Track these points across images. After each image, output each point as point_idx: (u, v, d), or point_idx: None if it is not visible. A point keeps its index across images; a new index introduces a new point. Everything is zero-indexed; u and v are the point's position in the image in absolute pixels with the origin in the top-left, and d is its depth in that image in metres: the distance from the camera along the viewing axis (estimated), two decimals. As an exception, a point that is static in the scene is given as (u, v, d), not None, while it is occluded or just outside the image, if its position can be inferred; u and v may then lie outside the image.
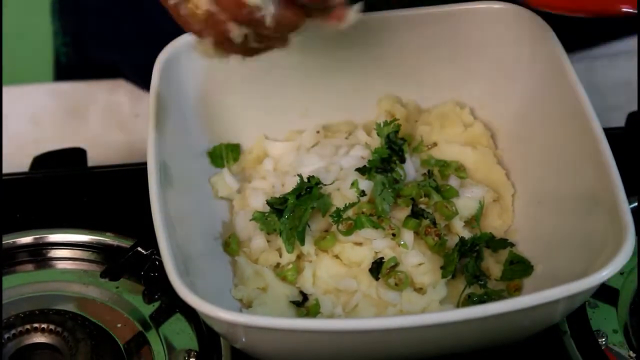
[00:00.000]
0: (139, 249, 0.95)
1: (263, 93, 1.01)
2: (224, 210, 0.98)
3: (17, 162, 1.08)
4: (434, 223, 0.93)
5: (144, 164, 0.87)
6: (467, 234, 0.94)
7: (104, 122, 1.19)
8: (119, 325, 0.92)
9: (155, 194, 0.85)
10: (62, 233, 0.99)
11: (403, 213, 0.93)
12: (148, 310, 0.93)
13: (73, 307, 0.93)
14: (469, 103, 1.03)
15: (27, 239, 0.98)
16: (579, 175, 0.89)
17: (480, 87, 1.02)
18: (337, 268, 0.92)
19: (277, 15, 0.78)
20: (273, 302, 0.90)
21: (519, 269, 0.92)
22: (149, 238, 0.88)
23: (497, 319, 0.78)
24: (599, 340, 0.88)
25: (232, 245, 0.94)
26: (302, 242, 0.91)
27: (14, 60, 1.35)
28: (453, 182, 0.97)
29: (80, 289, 0.95)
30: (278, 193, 0.95)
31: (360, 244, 0.92)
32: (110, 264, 0.95)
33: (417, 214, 0.93)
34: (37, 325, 0.89)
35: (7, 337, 0.88)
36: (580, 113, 0.89)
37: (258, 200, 0.96)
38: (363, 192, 0.93)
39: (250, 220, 0.94)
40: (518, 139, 0.99)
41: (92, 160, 1.09)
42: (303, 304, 0.91)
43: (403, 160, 0.96)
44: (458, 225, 0.94)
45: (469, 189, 0.97)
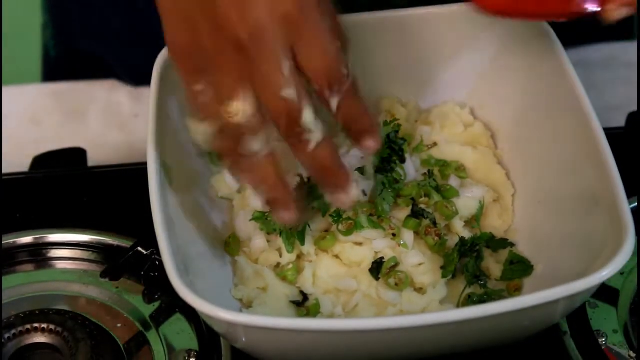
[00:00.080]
0: (139, 249, 0.95)
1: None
2: (224, 210, 0.98)
3: (17, 162, 1.08)
4: (434, 223, 0.93)
5: (144, 164, 0.87)
6: (467, 234, 0.94)
7: (104, 122, 1.19)
8: (119, 325, 0.92)
9: (155, 194, 0.85)
10: (62, 233, 0.98)
11: (403, 213, 0.93)
12: (148, 310, 0.93)
13: (73, 307, 0.92)
14: (469, 103, 1.03)
15: (27, 239, 0.98)
16: (579, 175, 0.89)
17: (480, 87, 1.02)
18: (337, 268, 0.92)
19: (319, 145, 0.79)
20: (273, 302, 0.90)
21: (519, 269, 0.92)
22: (149, 238, 0.88)
23: (497, 319, 0.78)
24: (599, 340, 0.88)
25: (232, 245, 0.94)
26: (302, 242, 0.91)
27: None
28: (453, 182, 0.97)
29: (80, 289, 0.95)
30: (278, 193, 0.95)
31: (361, 244, 0.92)
32: (110, 264, 0.95)
33: (417, 214, 0.93)
34: (37, 325, 0.89)
35: (7, 337, 0.88)
36: (580, 113, 0.89)
37: (258, 200, 0.96)
38: (364, 192, 0.93)
39: (250, 220, 0.94)
40: (518, 139, 0.99)
41: (92, 160, 1.09)
42: (303, 304, 0.91)
43: (403, 160, 0.96)
44: (458, 225, 0.94)
45: (469, 189, 0.97)
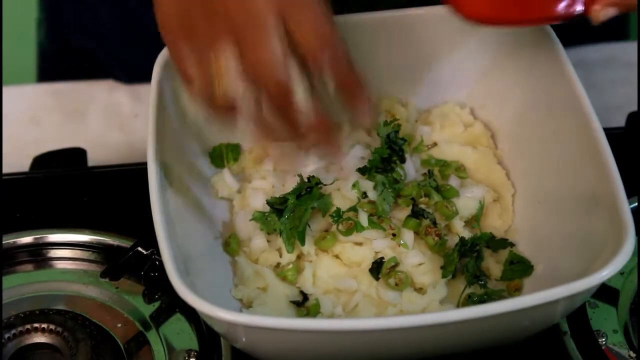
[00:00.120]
0: (139, 249, 0.95)
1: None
2: (224, 210, 0.98)
3: (17, 162, 1.08)
4: (434, 223, 0.93)
5: (144, 164, 0.87)
6: (467, 234, 0.94)
7: (104, 122, 1.19)
8: (119, 325, 0.92)
9: (155, 194, 0.85)
10: (62, 233, 0.99)
11: (403, 213, 0.93)
12: (148, 310, 0.93)
13: (73, 307, 0.92)
14: (469, 103, 1.03)
15: (27, 239, 0.98)
16: (579, 175, 0.89)
17: (480, 87, 1.02)
18: (337, 268, 0.92)
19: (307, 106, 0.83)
20: (273, 302, 0.90)
21: (519, 269, 0.92)
22: (149, 238, 0.88)
23: (497, 319, 0.78)
24: (599, 340, 0.88)
25: (232, 245, 0.94)
26: (302, 242, 0.91)
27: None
28: (453, 182, 0.97)
29: (80, 289, 0.95)
30: (278, 193, 0.95)
31: (361, 244, 0.92)
32: (110, 264, 0.95)
33: (417, 214, 0.93)
34: (37, 325, 0.89)
35: (7, 337, 0.88)
36: (580, 113, 0.89)
37: (258, 200, 0.96)
38: (365, 194, 0.93)
39: (250, 220, 0.94)
40: (518, 139, 0.99)
41: (92, 160, 1.09)
42: (303, 304, 0.91)
43: (403, 160, 0.96)
44: (458, 225, 0.94)
45: (469, 189, 0.97)
